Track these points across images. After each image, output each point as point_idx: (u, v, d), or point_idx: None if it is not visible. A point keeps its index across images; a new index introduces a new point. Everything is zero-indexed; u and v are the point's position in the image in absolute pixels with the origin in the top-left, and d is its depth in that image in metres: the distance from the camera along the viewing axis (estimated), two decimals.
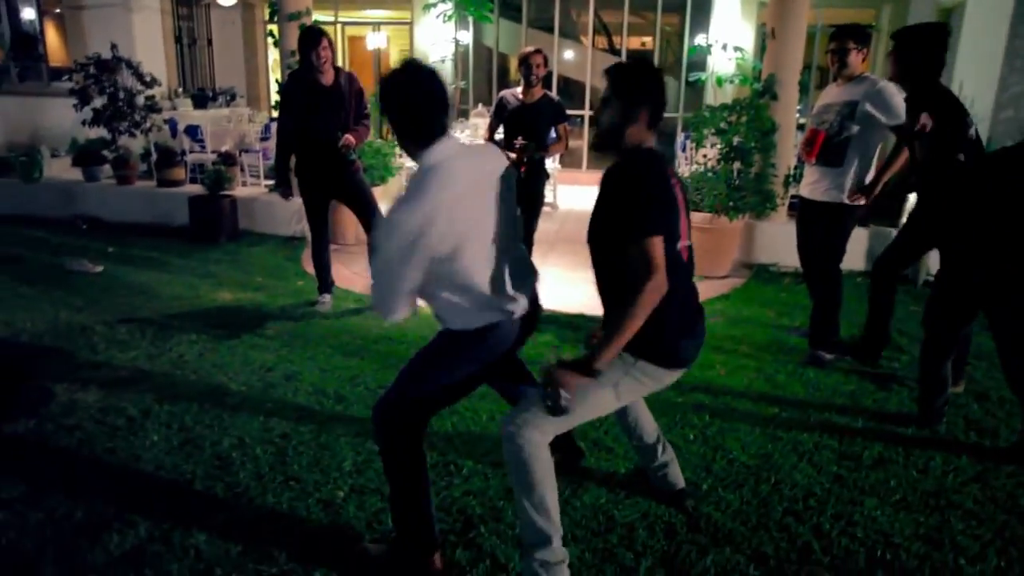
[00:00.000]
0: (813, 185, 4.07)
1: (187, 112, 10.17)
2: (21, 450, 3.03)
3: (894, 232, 5.96)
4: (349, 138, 4.47)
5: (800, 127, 6.44)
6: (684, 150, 8.10)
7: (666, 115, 2.22)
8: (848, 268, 4.33)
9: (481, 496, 2.73)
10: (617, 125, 2.14)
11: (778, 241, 6.03)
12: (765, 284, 5.73)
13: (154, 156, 7.59)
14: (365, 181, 4.83)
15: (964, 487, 2.89)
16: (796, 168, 6.36)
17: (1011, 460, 3.10)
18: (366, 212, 4.77)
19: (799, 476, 2.92)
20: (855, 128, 3.83)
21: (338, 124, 4.51)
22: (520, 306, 2.18)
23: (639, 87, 2.14)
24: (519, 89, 4.82)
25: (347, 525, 2.57)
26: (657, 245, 2.00)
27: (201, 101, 11.03)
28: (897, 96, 3.75)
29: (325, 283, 4.96)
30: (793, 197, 6.28)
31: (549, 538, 2.14)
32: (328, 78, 4.48)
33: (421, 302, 2.15)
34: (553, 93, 5.18)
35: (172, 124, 8.91)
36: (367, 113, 4.72)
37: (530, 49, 4.69)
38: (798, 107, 6.61)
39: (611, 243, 2.12)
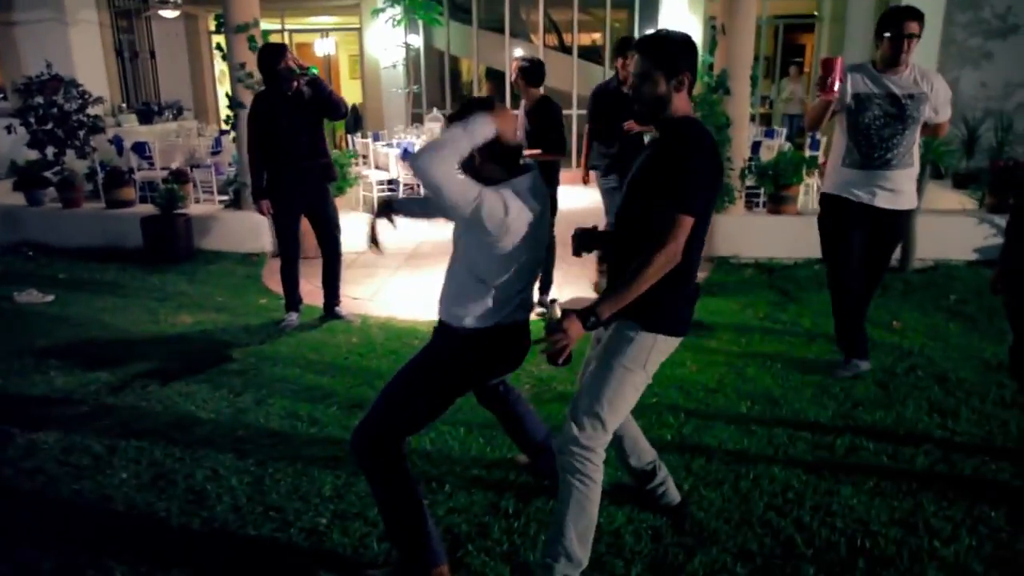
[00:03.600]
0: (892, 193, 3.56)
1: (133, 128, 9.89)
2: None
3: None
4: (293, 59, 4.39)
5: (753, 119, 6.55)
6: None
7: None
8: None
9: (466, 513, 2.71)
10: (660, 97, 2.13)
11: (737, 234, 6.11)
12: (727, 276, 5.82)
13: (101, 176, 7.34)
14: (332, 197, 4.80)
15: (933, 468, 2.98)
16: (750, 160, 6.47)
17: None
18: (327, 228, 4.73)
19: (776, 470, 2.97)
20: (918, 122, 3.54)
21: (305, 133, 4.50)
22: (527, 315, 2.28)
23: (681, 56, 2.13)
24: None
25: (333, 553, 2.52)
26: (686, 224, 2.05)
27: (147, 116, 10.74)
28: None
29: (293, 300, 4.87)
30: (759, 192, 6.36)
31: (581, 565, 2.22)
32: (290, 87, 4.43)
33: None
34: None
35: (118, 141, 8.64)
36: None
37: None
38: (751, 99, 6.71)
39: (650, 209, 2.12)
